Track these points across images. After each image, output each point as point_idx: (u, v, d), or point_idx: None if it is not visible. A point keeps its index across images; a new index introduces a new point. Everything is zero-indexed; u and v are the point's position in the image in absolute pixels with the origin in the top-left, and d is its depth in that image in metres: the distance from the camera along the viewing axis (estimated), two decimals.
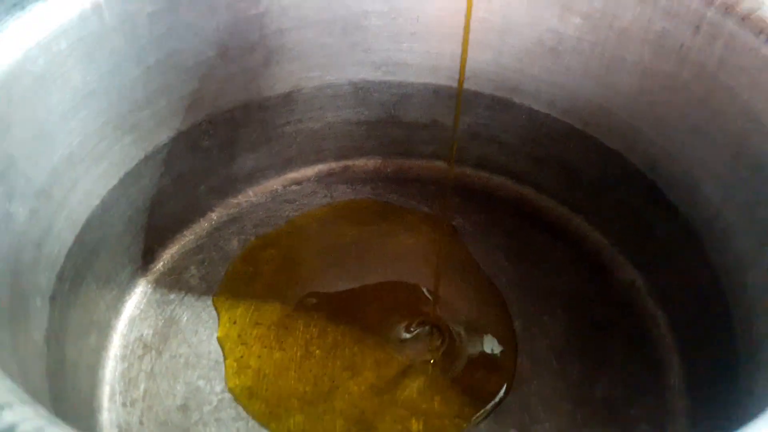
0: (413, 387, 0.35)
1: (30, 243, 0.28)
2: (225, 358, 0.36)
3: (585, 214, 0.42)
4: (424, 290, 0.39)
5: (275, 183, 0.44)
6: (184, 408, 0.34)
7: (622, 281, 0.40)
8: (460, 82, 0.37)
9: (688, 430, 0.33)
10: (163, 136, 0.37)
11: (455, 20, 0.39)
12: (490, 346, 0.37)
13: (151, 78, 0.35)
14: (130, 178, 0.36)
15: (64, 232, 0.31)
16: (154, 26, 0.33)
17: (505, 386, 0.35)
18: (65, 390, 0.30)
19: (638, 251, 0.40)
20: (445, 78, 0.42)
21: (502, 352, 0.36)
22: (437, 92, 0.43)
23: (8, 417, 0.15)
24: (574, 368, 0.36)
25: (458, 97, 0.39)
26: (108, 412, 0.33)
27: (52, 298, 0.30)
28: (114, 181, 0.35)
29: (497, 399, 0.34)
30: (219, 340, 0.36)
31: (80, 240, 0.32)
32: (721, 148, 0.33)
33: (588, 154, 0.40)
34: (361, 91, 0.43)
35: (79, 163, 0.32)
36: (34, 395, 0.25)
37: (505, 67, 0.40)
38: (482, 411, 0.34)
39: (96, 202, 0.34)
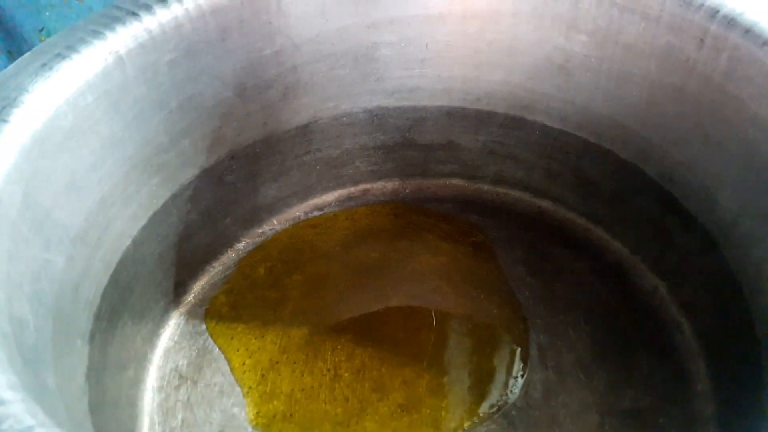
0: (441, 405, 0.35)
1: (68, 287, 0.30)
2: (257, 384, 0.37)
3: (604, 225, 0.43)
4: (446, 309, 0.40)
5: (298, 210, 0.45)
6: None
7: (644, 290, 0.40)
8: None
9: None
10: (188, 174, 0.38)
11: (463, 44, 0.40)
12: (514, 361, 0.37)
13: (174, 121, 0.36)
14: (158, 216, 0.37)
15: (99, 273, 0.33)
16: (174, 72, 0.35)
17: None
18: (107, 424, 0.31)
19: (659, 260, 0.40)
20: (458, 100, 0.43)
21: (523, 367, 0.37)
22: (450, 114, 0.44)
23: None
24: (601, 379, 0.36)
25: None
26: None
27: (91, 338, 0.31)
28: (144, 221, 0.36)
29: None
30: (250, 366, 0.38)
31: (115, 279, 0.34)
32: (733, 158, 0.33)
33: (604, 166, 0.41)
34: (377, 117, 0.44)
35: (111, 207, 0.34)
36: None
37: (516, 86, 0.41)
38: (510, 425, 0.34)
39: (128, 242, 0.35)
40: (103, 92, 0.32)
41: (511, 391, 0.36)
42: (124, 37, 0.32)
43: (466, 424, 0.35)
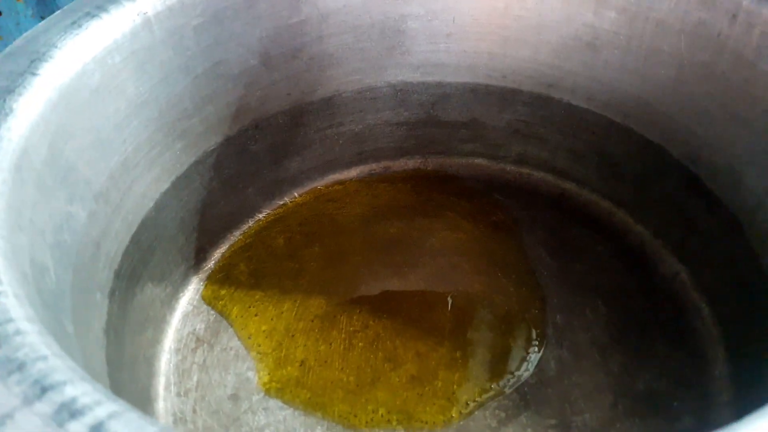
0: (453, 379, 0.35)
1: (90, 242, 0.30)
2: (272, 350, 0.37)
3: (627, 207, 0.42)
4: (463, 286, 0.40)
5: (319, 183, 0.46)
6: (234, 398, 0.35)
7: (665, 274, 0.39)
8: None
9: (731, 421, 0.32)
10: (212, 141, 0.39)
11: (490, 20, 0.40)
12: (529, 339, 0.37)
13: (199, 87, 0.37)
14: (181, 181, 0.38)
15: (121, 232, 0.33)
16: (201, 38, 0.35)
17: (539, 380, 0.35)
18: (124, 380, 0.32)
19: (681, 244, 0.39)
20: (483, 76, 0.43)
21: (538, 345, 0.37)
22: (475, 91, 0.43)
23: (69, 391, 0.16)
24: (616, 361, 0.36)
25: None
26: (163, 401, 0.35)
27: (111, 294, 0.32)
28: (166, 185, 0.37)
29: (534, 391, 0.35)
30: (266, 332, 0.38)
31: (136, 240, 0.35)
32: (762, 137, 0.32)
33: (629, 147, 0.40)
34: (400, 93, 0.44)
35: (134, 168, 0.34)
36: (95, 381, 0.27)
37: (543, 64, 0.41)
38: (522, 401, 0.34)
39: (150, 204, 0.36)
40: (131, 53, 0.32)
41: (525, 368, 0.36)
42: (153, 0, 0.32)
43: (478, 398, 0.35)
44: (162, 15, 0.33)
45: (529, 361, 0.36)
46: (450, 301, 0.39)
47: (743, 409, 0.33)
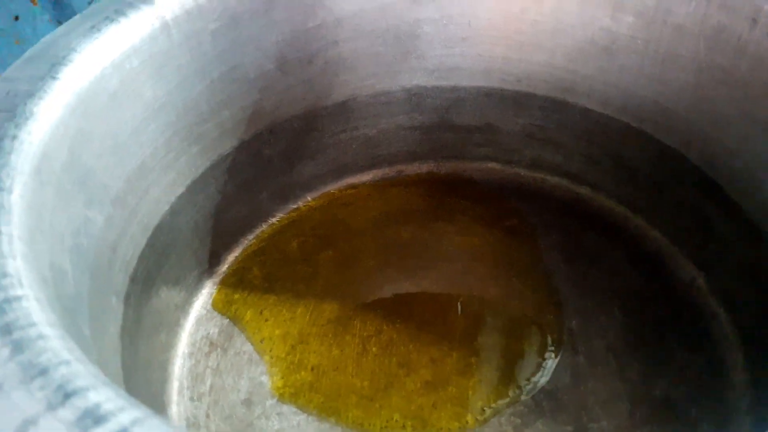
0: (468, 385, 0.35)
1: (106, 246, 0.31)
2: (286, 354, 0.37)
3: (643, 213, 0.42)
4: (477, 290, 0.40)
5: (332, 187, 0.46)
6: (247, 402, 0.35)
7: (682, 280, 0.39)
8: None
9: (751, 429, 0.32)
10: (227, 145, 0.39)
11: (506, 24, 0.40)
12: (544, 345, 0.37)
13: (215, 91, 0.37)
14: (197, 185, 0.38)
15: (137, 236, 0.33)
16: (218, 42, 0.35)
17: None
18: (138, 384, 0.32)
19: (699, 250, 0.39)
20: (497, 80, 0.43)
21: (553, 351, 0.36)
22: (489, 95, 0.43)
23: (92, 397, 0.16)
24: (633, 368, 0.36)
25: None
26: (177, 406, 0.35)
27: (126, 298, 0.32)
28: (182, 189, 0.37)
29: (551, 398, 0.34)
30: (279, 336, 0.38)
31: (151, 243, 0.35)
32: None
33: (645, 152, 0.40)
34: (415, 97, 0.44)
35: (150, 173, 0.34)
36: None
37: (558, 68, 0.41)
38: (538, 408, 0.34)
39: (165, 208, 0.36)
40: (149, 57, 0.32)
41: (540, 375, 0.36)
42: (171, 4, 0.32)
43: (493, 405, 0.34)
44: (180, 19, 0.33)
45: (544, 368, 0.36)
46: (460, 306, 0.39)
47: (762, 416, 0.33)
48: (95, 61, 0.30)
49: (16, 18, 0.53)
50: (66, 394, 0.16)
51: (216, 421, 0.34)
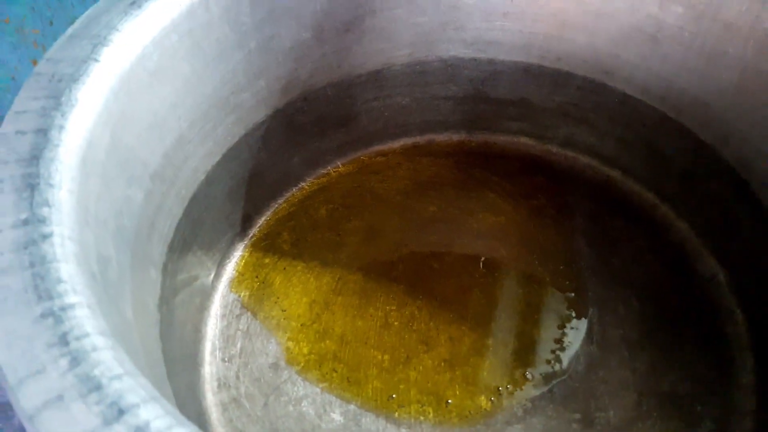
0: (483, 366, 0.37)
1: (145, 221, 0.32)
2: (312, 322, 0.39)
3: (672, 203, 0.42)
4: (498, 271, 0.40)
5: (362, 155, 0.46)
6: (275, 366, 0.37)
7: (703, 275, 0.40)
8: None
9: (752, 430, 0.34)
10: (262, 114, 0.39)
11: (549, 1, 0.39)
12: (561, 331, 0.38)
13: (252, 61, 0.37)
14: (231, 153, 0.38)
15: (174, 208, 0.35)
16: (256, 12, 0.35)
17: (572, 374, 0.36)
18: (174, 348, 0.34)
19: (723, 246, 0.39)
20: (537, 57, 0.42)
21: (569, 338, 0.38)
22: (527, 70, 0.43)
23: (143, 414, 0.18)
24: (644, 360, 0.37)
25: None
26: (209, 366, 0.37)
27: (164, 268, 0.33)
28: (217, 158, 0.37)
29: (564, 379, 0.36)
30: (307, 304, 0.40)
31: (188, 213, 0.36)
32: None
33: (680, 143, 0.40)
34: (451, 67, 0.43)
35: (188, 144, 0.35)
36: (152, 361, 0.29)
37: (600, 51, 0.40)
38: (549, 393, 0.36)
39: (201, 177, 0.37)
40: (187, 31, 0.32)
41: (554, 361, 0.37)
42: None
43: (507, 387, 0.36)
44: None
45: (559, 354, 0.37)
46: (485, 281, 0.39)
47: (765, 420, 0.34)
48: (136, 40, 0.30)
49: None
50: (120, 411, 0.18)
51: (245, 383, 0.37)
